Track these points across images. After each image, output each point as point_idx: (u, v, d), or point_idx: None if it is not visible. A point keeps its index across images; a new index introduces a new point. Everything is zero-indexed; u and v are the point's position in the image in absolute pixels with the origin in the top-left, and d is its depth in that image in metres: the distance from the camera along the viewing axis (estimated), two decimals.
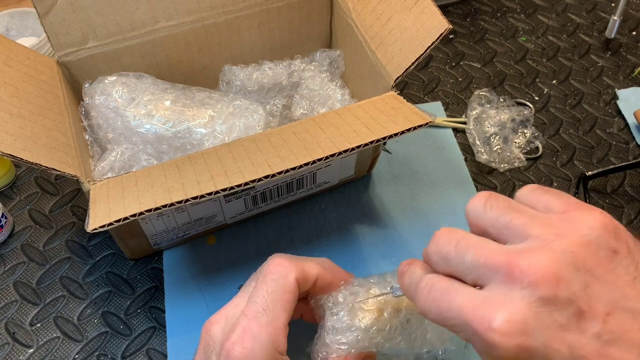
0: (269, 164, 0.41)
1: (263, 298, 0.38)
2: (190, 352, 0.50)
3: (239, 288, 0.42)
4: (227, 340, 0.37)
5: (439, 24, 0.47)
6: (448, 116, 0.69)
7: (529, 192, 0.36)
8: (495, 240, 0.31)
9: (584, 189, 0.60)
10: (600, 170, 0.61)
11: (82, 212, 0.60)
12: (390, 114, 0.47)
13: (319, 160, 0.42)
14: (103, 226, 0.38)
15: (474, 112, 0.67)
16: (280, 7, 0.61)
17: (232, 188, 0.40)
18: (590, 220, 0.30)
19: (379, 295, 0.41)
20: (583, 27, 0.80)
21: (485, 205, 0.33)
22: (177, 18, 0.57)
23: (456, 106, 0.70)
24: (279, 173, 0.41)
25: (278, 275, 0.38)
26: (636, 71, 0.74)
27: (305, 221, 0.59)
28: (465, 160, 0.65)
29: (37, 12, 0.51)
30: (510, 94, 0.72)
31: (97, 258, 0.57)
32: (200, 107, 0.55)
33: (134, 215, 0.39)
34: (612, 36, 0.76)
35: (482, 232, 0.33)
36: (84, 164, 0.48)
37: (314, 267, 0.40)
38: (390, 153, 0.65)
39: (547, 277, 0.27)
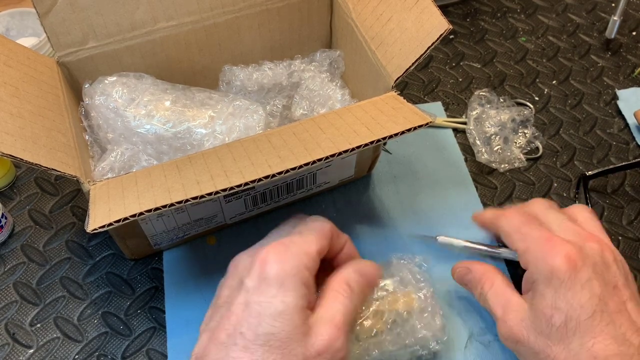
0: (269, 164, 0.41)
1: (300, 228, 0.42)
2: (190, 352, 0.50)
3: None
4: (262, 249, 0.39)
5: (439, 25, 0.47)
6: (448, 116, 0.69)
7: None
8: None
9: (584, 189, 0.60)
10: (600, 170, 0.61)
11: (82, 213, 0.60)
12: (390, 114, 0.47)
13: (319, 160, 0.42)
14: (103, 226, 0.38)
15: (474, 113, 0.67)
16: (281, 7, 0.61)
17: (232, 188, 0.40)
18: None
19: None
20: (583, 27, 0.80)
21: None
22: (177, 18, 0.57)
23: (456, 106, 0.70)
24: (279, 173, 0.41)
25: (318, 218, 0.44)
26: (636, 71, 0.74)
27: None
28: (465, 160, 0.65)
29: (37, 12, 0.51)
30: (510, 94, 0.72)
31: (97, 258, 0.57)
32: (200, 108, 0.55)
33: (133, 216, 0.39)
34: (612, 36, 0.76)
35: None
36: (84, 164, 0.48)
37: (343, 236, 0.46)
38: (390, 153, 0.65)
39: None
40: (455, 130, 0.68)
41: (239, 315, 0.37)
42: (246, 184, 0.40)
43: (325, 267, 0.43)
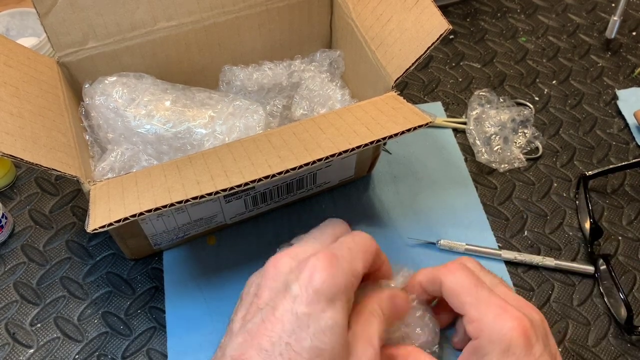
0: (269, 164, 0.41)
1: (350, 243, 0.40)
2: (191, 352, 0.51)
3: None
4: (313, 257, 0.37)
5: (439, 25, 0.47)
6: (448, 116, 0.69)
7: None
8: None
9: (584, 189, 0.60)
10: (600, 170, 0.61)
11: (82, 213, 0.60)
12: (390, 114, 0.47)
13: (319, 160, 0.42)
14: (103, 226, 0.38)
15: (474, 113, 0.67)
16: (281, 7, 0.61)
17: (232, 188, 0.40)
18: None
19: None
20: (583, 27, 0.80)
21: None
22: (177, 18, 0.57)
23: (456, 106, 0.70)
24: (279, 173, 0.41)
25: (367, 237, 0.42)
26: (636, 71, 0.74)
27: (305, 221, 0.59)
28: (465, 160, 0.65)
29: (37, 12, 0.51)
30: (510, 94, 0.72)
31: (97, 258, 0.57)
32: (200, 108, 0.55)
33: (134, 216, 0.39)
34: (612, 36, 0.76)
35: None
36: (84, 164, 0.49)
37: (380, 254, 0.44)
38: (390, 153, 0.65)
39: None
40: (455, 130, 0.68)
41: (285, 324, 0.35)
42: (246, 184, 0.40)
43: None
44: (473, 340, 0.41)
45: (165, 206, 0.39)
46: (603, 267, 0.55)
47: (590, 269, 0.56)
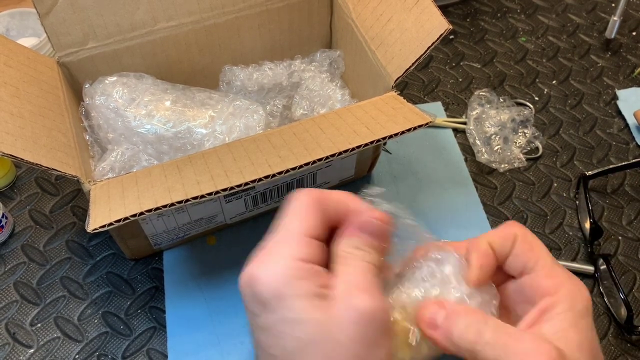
0: (269, 164, 0.41)
1: (285, 221, 0.36)
2: (190, 352, 0.51)
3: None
4: (248, 267, 0.34)
5: (439, 25, 0.47)
6: (448, 116, 0.69)
7: None
8: None
9: (584, 189, 0.60)
10: (600, 170, 0.61)
11: (82, 213, 0.60)
12: (390, 114, 0.47)
13: (319, 160, 0.42)
14: (103, 226, 0.39)
15: (474, 113, 0.67)
16: (281, 7, 0.61)
17: (232, 188, 0.40)
18: None
19: None
20: (583, 27, 0.80)
21: None
22: (177, 18, 0.57)
23: (456, 106, 0.70)
24: (279, 173, 0.41)
25: (298, 197, 0.36)
26: (636, 71, 0.74)
27: None
28: (465, 160, 0.65)
29: (38, 12, 0.51)
30: (510, 94, 0.72)
31: (98, 258, 0.57)
32: (200, 108, 0.55)
33: (134, 216, 0.39)
34: (612, 36, 0.76)
35: None
36: (85, 164, 0.49)
37: (335, 192, 0.37)
38: (390, 153, 0.65)
39: None
40: (455, 130, 0.68)
41: (263, 341, 0.34)
42: (246, 183, 0.40)
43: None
44: (547, 297, 0.37)
45: (165, 206, 0.39)
46: (603, 267, 0.55)
47: (590, 268, 0.56)
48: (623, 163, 0.62)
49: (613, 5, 0.82)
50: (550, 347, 0.33)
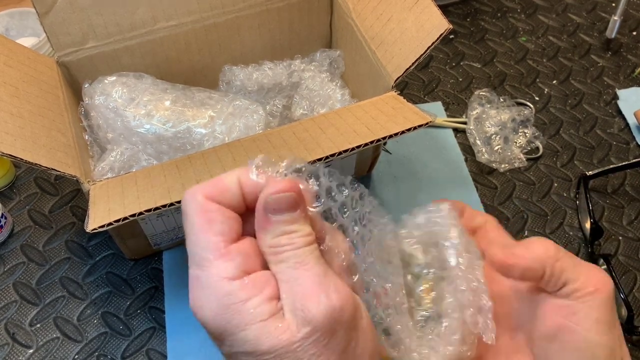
0: None
1: (188, 237, 0.30)
2: (190, 352, 0.50)
3: None
4: (190, 302, 0.29)
5: (439, 24, 0.47)
6: (448, 116, 0.69)
7: None
8: None
9: (585, 189, 0.60)
10: (600, 170, 0.61)
11: (81, 213, 0.59)
12: (390, 114, 0.47)
13: (319, 160, 0.42)
14: (102, 226, 0.38)
15: (474, 112, 0.67)
16: (281, 7, 0.61)
17: None
18: None
19: None
20: (583, 27, 0.80)
21: None
22: (177, 18, 0.57)
23: (456, 106, 0.70)
24: None
25: (185, 205, 0.30)
26: (636, 71, 0.74)
27: None
28: (466, 160, 0.65)
29: (37, 12, 0.51)
30: (510, 94, 0.72)
31: (97, 258, 0.56)
32: (200, 108, 0.55)
33: (133, 215, 0.39)
34: (613, 36, 0.76)
35: None
36: (84, 164, 0.48)
37: (229, 175, 0.31)
38: (390, 153, 0.65)
39: None
40: (455, 130, 0.68)
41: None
42: None
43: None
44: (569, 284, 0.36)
45: (164, 206, 0.39)
46: (603, 267, 0.55)
47: None
48: (623, 163, 0.62)
49: (613, 4, 0.82)
50: (608, 277, 0.36)
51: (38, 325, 0.52)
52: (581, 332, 0.37)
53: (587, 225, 0.58)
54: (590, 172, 0.61)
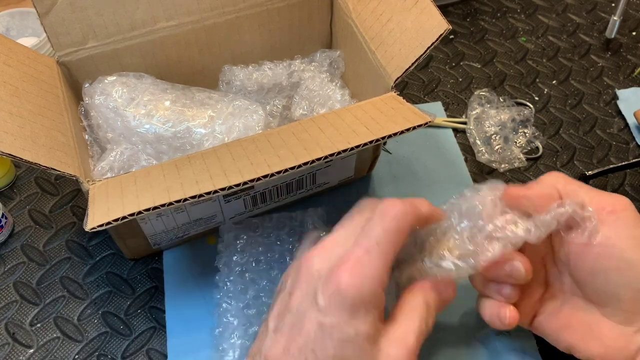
0: (268, 164, 0.41)
1: (379, 234, 0.37)
2: (190, 352, 0.51)
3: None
4: (338, 268, 0.36)
5: (439, 25, 0.47)
6: (448, 116, 0.69)
7: None
8: None
9: None
10: (600, 170, 0.61)
11: (82, 212, 0.60)
12: (389, 114, 0.47)
13: (318, 160, 0.42)
14: (102, 225, 0.38)
15: (474, 112, 0.67)
16: (281, 7, 0.61)
17: (230, 187, 0.40)
18: None
19: None
20: (583, 27, 0.80)
21: None
22: (177, 18, 0.57)
23: (456, 106, 0.70)
24: (278, 172, 0.41)
25: (398, 215, 0.38)
26: (636, 71, 0.74)
27: (305, 221, 0.59)
28: (466, 160, 0.65)
29: (37, 12, 0.51)
30: (510, 94, 0.72)
31: (97, 258, 0.57)
32: (200, 107, 0.55)
33: (132, 215, 0.39)
34: (612, 36, 0.76)
35: None
36: (84, 164, 0.49)
37: (425, 205, 0.42)
38: (390, 153, 0.65)
39: None
40: (455, 130, 0.68)
41: (310, 333, 0.36)
42: (245, 183, 0.40)
43: None
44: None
45: (163, 205, 0.39)
46: None
47: None
48: (623, 163, 0.62)
49: (613, 5, 0.82)
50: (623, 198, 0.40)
51: (38, 325, 0.52)
52: (617, 252, 0.40)
53: None
54: (590, 172, 0.61)
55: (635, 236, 0.39)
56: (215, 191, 0.40)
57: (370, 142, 0.43)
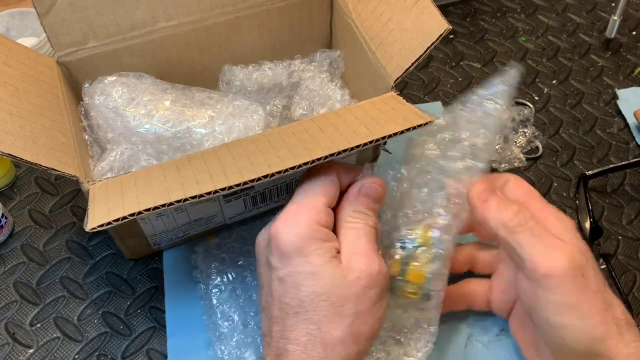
0: (268, 164, 0.41)
1: (303, 187, 0.42)
2: (190, 352, 0.51)
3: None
4: (274, 226, 0.40)
5: (439, 25, 0.47)
6: None
7: None
8: None
9: (584, 188, 0.60)
10: (600, 169, 0.61)
11: (82, 213, 0.60)
12: (390, 114, 0.47)
13: (318, 159, 0.42)
14: (102, 225, 0.38)
15: None
16: (281, 7, 0.61)
17: (230, 187, 0.40)
18: None
19: None
20: (583, 27, 0.80)
21: None
22: (177, 18, 0.57)
23: None
24: (278, 172, 0.41)
25: (324, 176, 0.43)
26: (636, 71, 0.74)
27: None
28: None
29: (37, 12, 0.51)
30: None
31: (97, 258, 0.57)
32: (200, 108, 0.55)
33: (132, 215, 0.39)
34: (612, 36, 0.76)
35: None
36: (84, 164, 0.48)
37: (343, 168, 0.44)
38: (390, 153, 0.65)
39: None
40: None
41: (278, 290, 0.40)
42: (245, 183, 0.40)
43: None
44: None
45: (164, 205, 0.39)
46: (603, 266, 0.55)
47: None
48: (623, 162, 0.62)
49: (613, 4, 0.82)
50: (574, 248, 0.40)
51: (38, 325, 0.52)
52: (541, 313, 0.40)
53: (587, 224, 0.58)
54: (589, 172, 0.61)
55: (564, 303, 0.39)
56: (216, 191, 0.40)
57: (370, 142, 0.43)
